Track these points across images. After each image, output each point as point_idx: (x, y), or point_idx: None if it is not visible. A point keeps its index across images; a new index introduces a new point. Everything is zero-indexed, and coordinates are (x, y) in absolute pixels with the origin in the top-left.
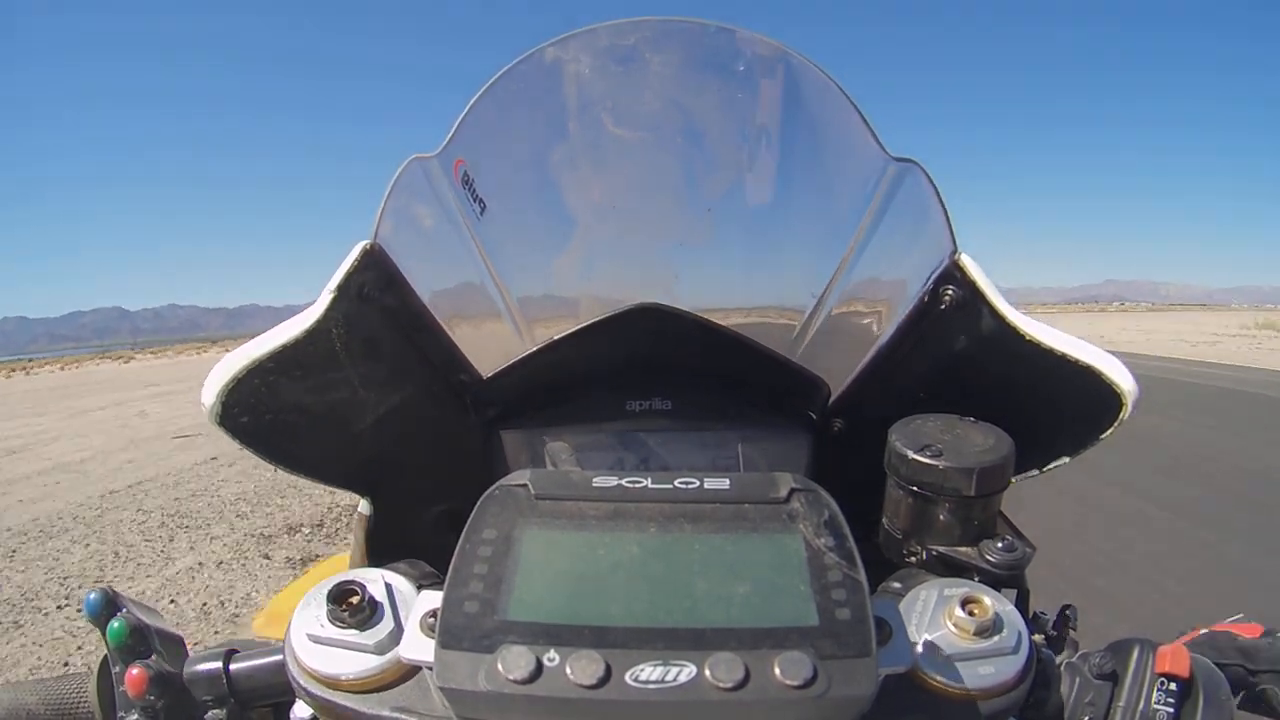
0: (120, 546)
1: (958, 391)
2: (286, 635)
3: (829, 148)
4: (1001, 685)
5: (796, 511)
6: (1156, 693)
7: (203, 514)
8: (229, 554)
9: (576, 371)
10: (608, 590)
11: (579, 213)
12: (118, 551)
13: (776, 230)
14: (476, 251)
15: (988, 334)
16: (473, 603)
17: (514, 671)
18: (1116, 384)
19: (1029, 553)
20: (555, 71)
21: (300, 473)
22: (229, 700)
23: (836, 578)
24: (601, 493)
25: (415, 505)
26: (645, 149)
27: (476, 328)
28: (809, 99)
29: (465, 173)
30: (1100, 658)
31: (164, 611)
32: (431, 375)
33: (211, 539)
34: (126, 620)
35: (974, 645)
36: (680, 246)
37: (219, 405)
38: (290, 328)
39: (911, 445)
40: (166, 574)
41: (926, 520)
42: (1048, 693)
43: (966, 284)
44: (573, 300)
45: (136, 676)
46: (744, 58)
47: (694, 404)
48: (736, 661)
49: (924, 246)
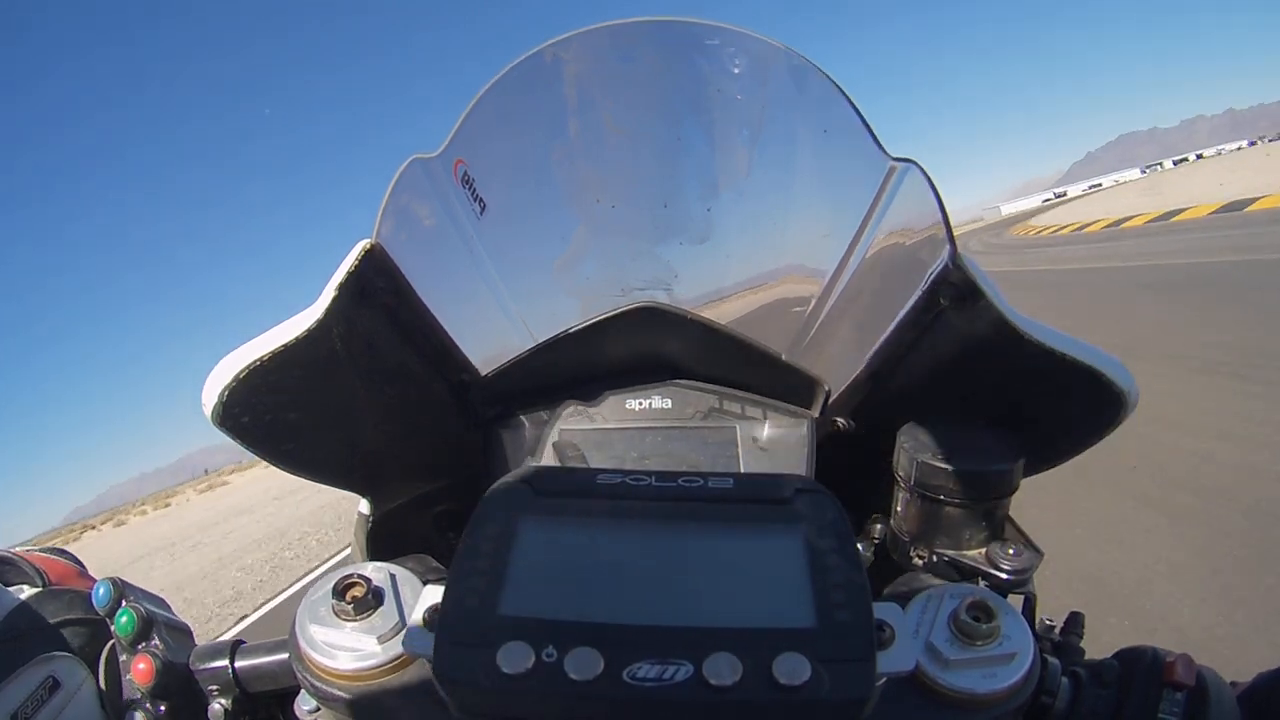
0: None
1: (957, 392)
2: (291, 627)
3: (828, 147)
4: (1005, 691)
5: (799, 513)
6: (1163, 702)
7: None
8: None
9: (576, 370)
10: (608, 587)
11: (578, 212)
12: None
13: (776, 230)
14: (476, 251)
15: (987, 334)
16: (473, 598)
17: (513, 666)
18: (1117, 385)
19: (1036, 558)
20: (555, 71)
21: (300, 472)
22: (234, 690)
23: (838, 580)
24: (605, 489)
25: (415, 504)
26: (645, 148)
27: (476, 327)
28: (808, 99)
29: (465, 173)
30: (1106, 666)
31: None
32: (431, 375)
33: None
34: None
35: (978, 651)
36: (680, 246)
37: (219, 405)
38: (290, 328)
39: (921, 448)
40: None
41: (934, 523)
42: (1052, 700)
43: (965, 284)
44: (572, 299)
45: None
46: (743, 58)
47: (693, 403)
48: (734, 661)
49: (923, 246)
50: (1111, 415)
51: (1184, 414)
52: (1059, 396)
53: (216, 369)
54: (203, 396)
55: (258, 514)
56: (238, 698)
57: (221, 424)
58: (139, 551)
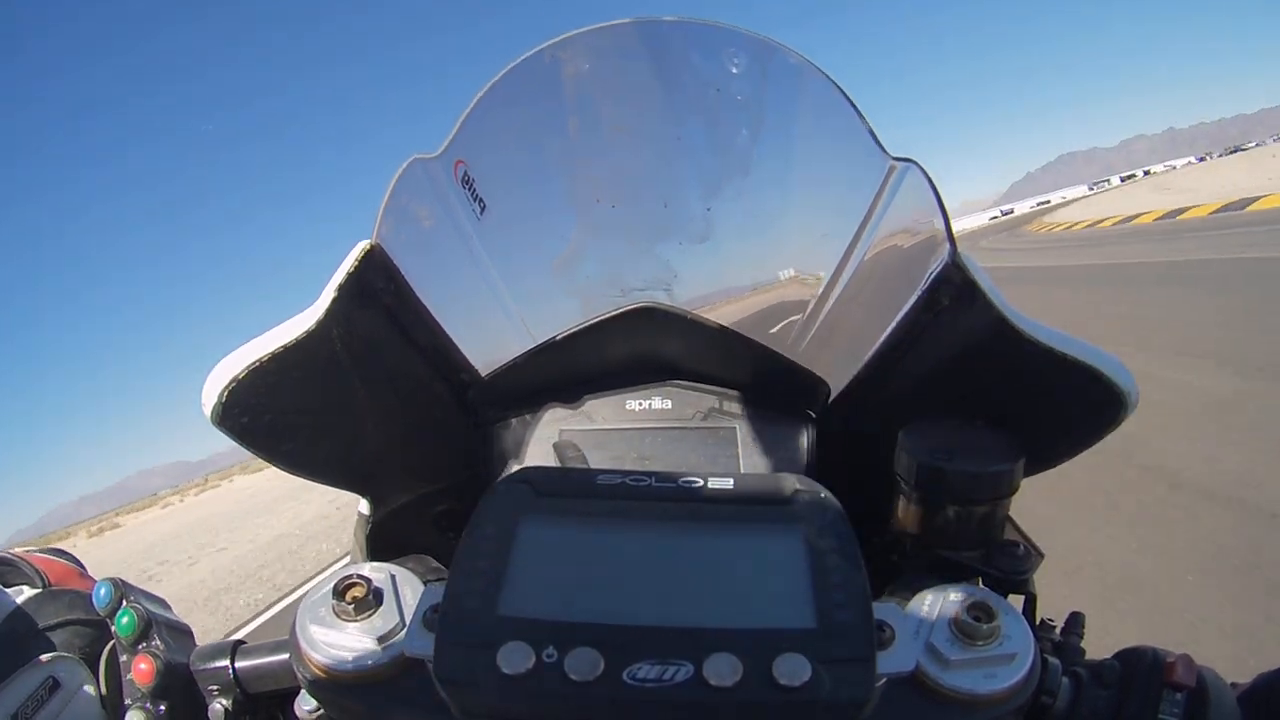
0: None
1: (957, 391)
2: (291, 627)
3: (828, 147)
4: (1006, 692)
5: (800, 513)
6: (1163, 703)
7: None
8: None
9: (576, 371)
10: (608, 588)
11: (578, 212)
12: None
13: (775, 230)
14: (476, 251)
15: (987, 334)
16: (474, 598)
17: (513, 667)
18: (1116, 384)
19: (1037, 559)
20: (555, 72)
21: (300, 473)
22: (235, 691)
23: (838, 580)
24: (605, 489)
25: (415, 505)
26: (644, 148)
27: (476, 327)
28: (808, 98)
29: (465, 173)
30: (1107, 666)
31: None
32: (432, 375)
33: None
34: (135, 611)
35: (979, 651)
36: (679, 246)
37: (219, 406)
38: (291, 328)
39: (922, 448)
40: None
41: (935, 524)
42: (1052, 700)
43: (965, 284)
44: (572, 299)
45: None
46: (743, 57)
47: (693, 403)
48: (735, 662)
49: (922, 246)
50: (1112, 415)
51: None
52: (1059, 396)
53: (216, 369)
54: (202, 397)
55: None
56: (238, 698)
57: (221, 424)
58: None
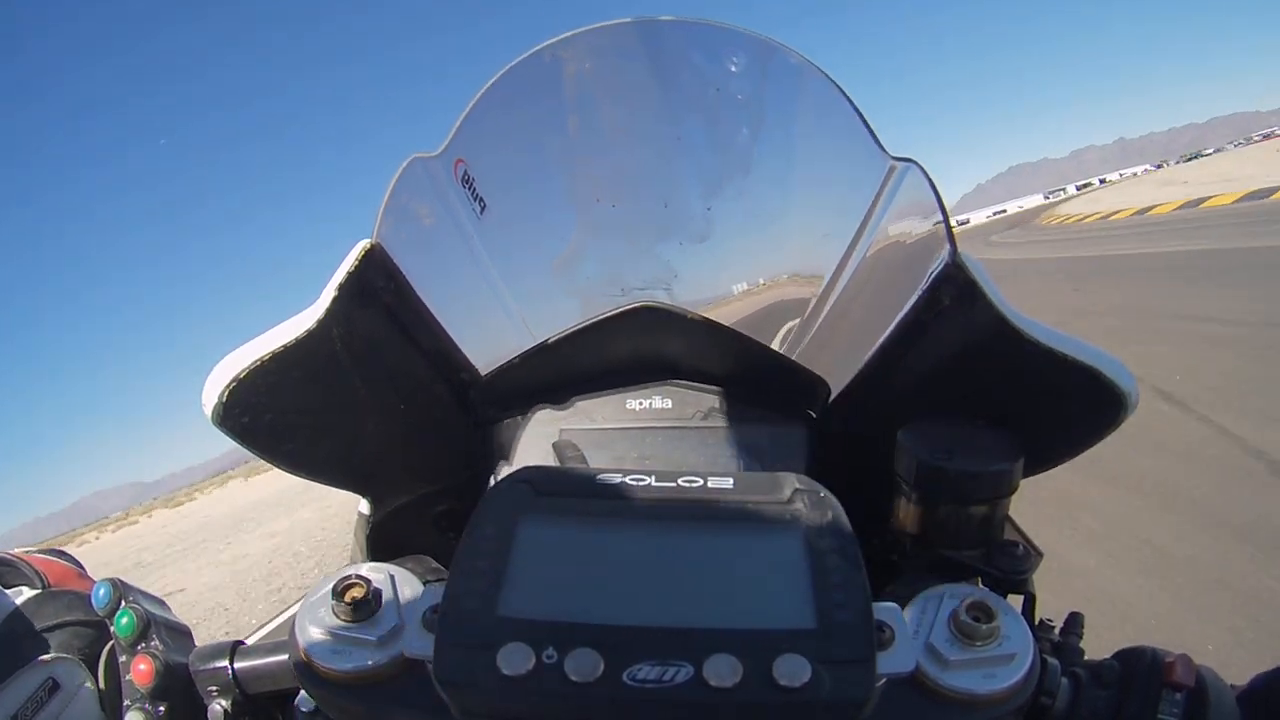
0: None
1: (958, 391)
2: (291, 628)
3: (828, 147)
4: (1005, 692)
5: (799, 512)
6: (1163, 703)
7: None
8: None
9: (576, 370)
10: (608, 588)
11: (578, 211)
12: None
13: (776, 229)
14: (476, 251)
15: (987, 334)
16: (473, 599)
17: (513, 668)
18: (1117, 385)
19: (1036, 559)
20: (555, 71)
21: (300, 473)
22: (234, 691)
23: (838, 580)
24: (605, 489)
25: (415, 505)
26: (644, 148)
27: (476, 327)
28: (808, 98)
29: (465, 172)
30: (1106, 666)
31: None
32: (432, 375)
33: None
34: (134, 612)
35: (978, 651)
36: (680, 245)
37: (219, 406)
38: (291, 328)
39: (921, 448)
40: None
41: (934, 523)
42: (1052, 700)
43: (965, 284)
44: (572, 299)
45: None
46: (743, 57)
47: (693, 403)
48: (734, 663)
49: (923, 246)
50: (1112, 415)
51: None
52: (1059, 396)
53: (216, 369)
54: (202, 397)
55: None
56: (237, 699)
57: (221, 424)
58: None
